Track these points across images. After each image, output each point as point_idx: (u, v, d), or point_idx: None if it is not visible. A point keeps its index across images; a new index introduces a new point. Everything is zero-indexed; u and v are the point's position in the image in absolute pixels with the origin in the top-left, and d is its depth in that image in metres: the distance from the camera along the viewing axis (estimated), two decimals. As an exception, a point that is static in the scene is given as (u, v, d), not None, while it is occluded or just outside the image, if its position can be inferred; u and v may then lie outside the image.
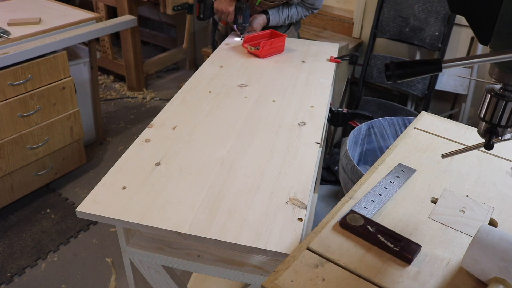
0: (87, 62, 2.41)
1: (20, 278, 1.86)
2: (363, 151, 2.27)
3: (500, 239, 0.68)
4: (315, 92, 1.47)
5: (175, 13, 3.10)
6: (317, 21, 2.98)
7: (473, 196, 0.90)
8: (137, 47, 3.21)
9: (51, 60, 2.02)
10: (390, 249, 0.74)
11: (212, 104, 1.36)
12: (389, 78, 0.63)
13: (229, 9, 1.79)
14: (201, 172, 1.05)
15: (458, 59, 0.62)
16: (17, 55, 1.86)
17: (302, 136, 1.21)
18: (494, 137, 0.70)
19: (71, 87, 2.17)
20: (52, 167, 2.24)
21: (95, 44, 2.39)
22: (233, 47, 1.83)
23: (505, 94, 0.67)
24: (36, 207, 2.24)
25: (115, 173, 1.03)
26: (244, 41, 1.78)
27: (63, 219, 2.17)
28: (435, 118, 1.19)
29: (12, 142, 1.98)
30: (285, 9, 1.88)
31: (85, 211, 0.92)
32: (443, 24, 2.35)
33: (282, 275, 0.69)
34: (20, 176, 2.09)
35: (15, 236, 2.06)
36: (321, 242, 0.76)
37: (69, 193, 2.35)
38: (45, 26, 2.11)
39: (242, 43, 1.80)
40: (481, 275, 0.68)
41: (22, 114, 1.98)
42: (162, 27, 4.11)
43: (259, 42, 1.74)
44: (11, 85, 1.89)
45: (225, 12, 1.80)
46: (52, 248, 2.01)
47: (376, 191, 0.88)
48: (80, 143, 2.36)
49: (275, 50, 1.76)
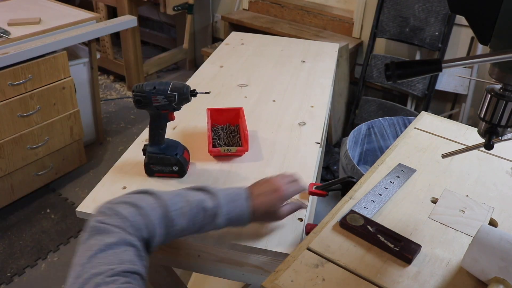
0: (87, 62, 2.41)
1: (20, 278, 1.86)
2: (363, 151, 2.27)
3: (500, 239, 0.67)
4: (315, 92, 1.47)
5: (175, 13, 3.10)
6: (317, 21, 2.98)
7: (473, 196, 0.90)
8: (137, 47, 3.21)
9: (51, 60, 2.02)
10: (390, 249, 0.73)
11: (212, 104, 1.36)
12: (389, 78, 0.63)
13: None
14: (201, 172, 1.05)
15: (458, 59, 0.62)
16: (17, 55, 1.86)
17: (302, 136, 1.21)
18: (494, 137, 0.70)
19: (71, 87, 2.17)
20: (52, 167, 2.24)
21: (95, 44, 2.39)
22: (233, 47, 1.83)
23: (505, 94, 0.67)
24: (36, 207, 2.24)
25: (115, 173, 1.03)
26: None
27: (63, 219, 2.17)
28: (435, 118, 1.19)
29: (12, 142, 1.98)
30: None
31: (85, 211, 0.92)
32: (443, 24, 2.35)
33: (282, 275, 0.69)
34: (20, 176, 2.09)
35: (15, 236, 2.06)
36: (321, 242, 0.76)
37: (69, 193, 2.35)
38: (45, 26, 2.11)
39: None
40: (481, 275, 0.68)
41: (22, 114, 1.98)
42: (162, 27, 4.10)
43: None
44: (11, 85, 1.89)
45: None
46: (52, 248, 2.01)
47: (376, 191, 0.88)
48: (80, 143, 2.36)
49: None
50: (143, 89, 0.93)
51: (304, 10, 3.01)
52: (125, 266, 0.64)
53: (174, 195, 0.77)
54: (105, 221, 0.69)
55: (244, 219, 0.81)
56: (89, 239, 0.67)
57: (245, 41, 1.89)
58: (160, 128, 1.00)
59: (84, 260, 0.65)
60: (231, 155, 1.10)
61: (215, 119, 1.23)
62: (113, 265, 0.64)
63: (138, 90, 0.94)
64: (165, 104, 0.95)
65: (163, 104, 0.95)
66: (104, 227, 0.68)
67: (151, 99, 0.94)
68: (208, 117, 1.19)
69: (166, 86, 0.93)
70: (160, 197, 0.75)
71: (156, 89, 0.93)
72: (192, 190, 0.81)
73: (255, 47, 1.82)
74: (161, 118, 0.98)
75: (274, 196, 0.83)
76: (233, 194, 0.81)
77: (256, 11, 3.25)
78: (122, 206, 0.72)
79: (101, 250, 0.65)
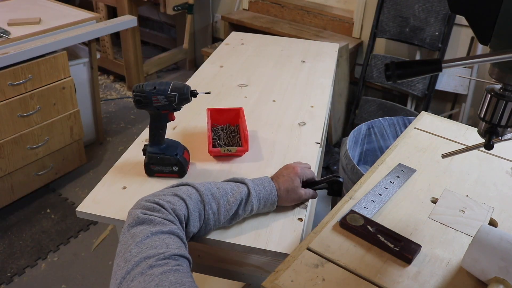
0: (87, 62, 2.41)
1: (20, 278, 1.86)
2: (363, 151, 2.27)
3: (500, 239, 0.68)
4: (315, 92, 1.47)
5: (175, 13, 3.10)
6: (317, 21, 2.98)
7: (473, 196, 0.90)
8: (137, 47, 3.21)
9: (51, 60, 2.02)
10: (390, 249, 0.74)
11: (212, 104, 1.36)
12: (389, 78, 0.63)
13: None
14: (201, 172, 1.05)
15: (458, 59, 0.62)
16: (17, 55, 1.86)
17: (302, 136, 1.21)
18: (494, 137, 0.70)
19: (71, 87, 2.17)
20: (52, 167, 2.24)
21: (95, 44, 2.39)
22: (233, 47, 1.83)
23: (505, 94, 0.67)
24: (36, 207, 2.24)
25: (115, 173, 1.03)
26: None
27: (63, 219, 2.17)
28: (435, 118, 1.19)
29: (12, 142, 1.98)
30: None
31: (85, 211, 0.92)
32: (443, 24, 2.35)
33: (282, 275, 0.69)
34: (20, 176, 2.09)
35: (15, 236, 2.06)
36: (321, 242, 0.76)
37: (69, 193, 2.35)
38: (45, 26, 2.11)
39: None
40: (481, 275, 0.68)
41: (22, 114, 1.98)
42: (162, 27, 4.10)
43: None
44: (11, 85, 1.89)
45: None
46: (52, 248, 2.01)
47: (376, 191, 0.88)
48: (80, 143, 2.36)
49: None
50: (143, 89, 0.93)
51: (304, 10, 3.01)
52: (173, 250, 0.67)
53: (206, 183, 0.84)
54: (147, 212, 0.73)
55: (273, 198, 0.88)
56: (132, 228, 0.70)
57: (245, 41, 1.89)
58: (160, 128, 0.99)
59: (132, 246, 0.67)
60: (231, 155, 1.10)
61: (215, 119, 1.23)
62: (162, 249, 0.66)
63: (138, 90, 0.94)
64: (165, 104, 0.95)
65: (163, 104, 0.95)
66: (145, 217, 0.72)
67: (152, 99, 0.94)
68: (208, 117, 1.19)
69: (167, 86, 0.94)
70: (194, 185, 0.83)
71: (157, 89, 0.93)
72: (221, 182, 0.88)
73: (255, 47, 1.82)
74: (161, 118, 0.98)
75: (292, 174, 0.92)
76: (258, 179, 0.90)
77: (256, 11, 3.25)
78: (163, 197, 0.77)
79: (147, 237, 0.68)
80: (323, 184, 0.96)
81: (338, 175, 0.96)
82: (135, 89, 0.94)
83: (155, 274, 0.62)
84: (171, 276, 0.62)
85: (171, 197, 0.78)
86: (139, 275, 0.62)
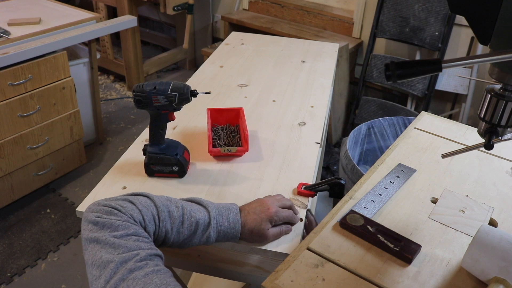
0: (87, 62, 2.41)
1: (20, 278, 1.86)
2: (363, 151, 2.27)
3: (500, 239, 0.68)
4: (315, 92, 1.47)
5: (175, 13, 3.10)
6: (317, 21, 2.98)
7: (473, 196, 0.90)
8: (137, 47, 3.21)
9: (51, 60, 2.02)
10: (390, 249, 0.73)
11: (212, 104, 1.36)
12: (389, 78, 0.63)
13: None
14: (201, 172, 1.05)
15: (458, 59, 0.62)
16: (17, 55, 1.86)
17: (302, 136, 1.21)
18: (494, 137, 0.70)
19: (71, 87, 2.17)
20: (52, 167, 2.24)
21: (95, 44, 2.39)
22: (233, 47, 1.83)
23: (505, 94, 0.67)
24: (36, 207, 2.24)
25: (115, 173, 1.03)
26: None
27: (63, 219, 2.17)
28: (435, 118, 1.19)
29: (12, 142, 1.98)
30: None
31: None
32: (443, 24, 2.35)
33: (282, 275, 0.69)
34: (20, 176, 2.09)
35: (15, 236, 2.06)
36: (321, 242, 0.76)
37: (69, 193, 2.35)
38: (45, 26, 2.11)
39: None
40: (481, 275, 0.68)
41: (22, 114, 1.98)
42: (162, 27, 4.11)
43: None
44: (11, 85, 1.89)
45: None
46: (52, 248, 2.01)
47: (376, 191, 0.88)
48: (80, 143, 2.36)
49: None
50: (143, 89, 0.93)
51: (304, 10, 3.01)
52: (146, 250, 0.65)
53: (166, 199, 0.78)
54: (103, 216, 0.69)
55: (235, 234, 0.81)
56: (94, 233, 0.67)
57: (245, 41, 1.89)
58: (160, 128, 0.99)
59: (101, 253, 0.64)
60: (231, 155, 1.10)
61: (215, 119, 1.23)
62: (135, 250, 0.64)
63: (139, 90, 0.94)
64: (166, 104, 0.95)
65: (163, 104, 0.95)
66: (104, 221, 0.68)
67: (152, 99, 0.94)
68: (208, 117, 1.19)
69: (167, 86, 0.93)
70: (153, 198, 0.76)
71: (157, 89, 0.93)
72: (184, 200, 0.82)
73: (255, 47, 1.82)
74: (161, 118, 0.98)
75: (263, 215, 0.83)
76: (224, 208, 0.82)
77: (256, 11, 3.25)
78: (118, 202, 0.73)
79: (113, 241, 0.65)
80: (325, 186, 0.95)
81: (340, 178, 0.96)
82: (135, 89, 0.94)
83: (138, 278, 0.61)
84: (155, 278, 0.61)
85: (127, 203, 0.73)
86: (121, 282, 0.60)
